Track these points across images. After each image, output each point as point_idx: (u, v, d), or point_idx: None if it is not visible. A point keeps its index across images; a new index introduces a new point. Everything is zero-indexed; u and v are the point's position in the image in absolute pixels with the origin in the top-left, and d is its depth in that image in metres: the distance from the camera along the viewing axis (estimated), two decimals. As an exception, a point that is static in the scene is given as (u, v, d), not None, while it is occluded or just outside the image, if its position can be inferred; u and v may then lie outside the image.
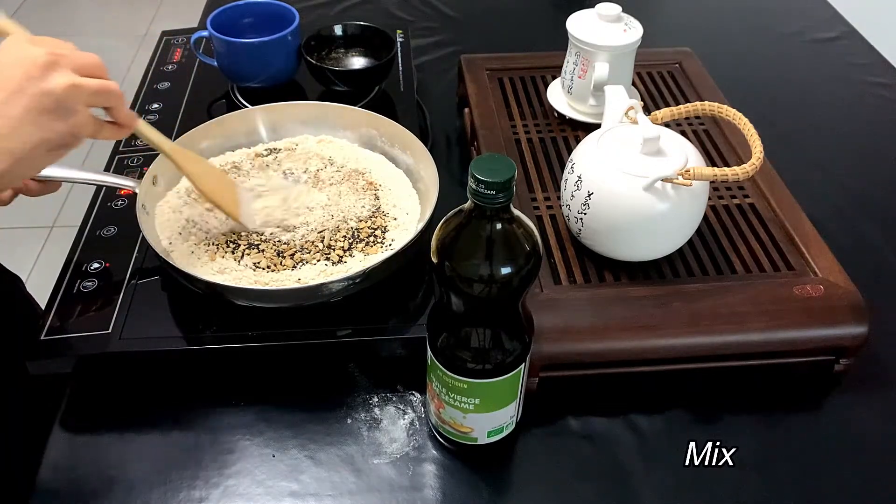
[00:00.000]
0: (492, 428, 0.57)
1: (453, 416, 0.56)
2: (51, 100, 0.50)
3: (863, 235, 0.81)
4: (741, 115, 0.64)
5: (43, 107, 0.50)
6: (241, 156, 0.80)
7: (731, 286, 0.64)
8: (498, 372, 0.53)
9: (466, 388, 0.53)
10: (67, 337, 0.63)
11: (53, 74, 0.50)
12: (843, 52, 1.12)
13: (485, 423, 0.57)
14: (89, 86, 0.52)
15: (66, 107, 0.51)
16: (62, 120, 0.51)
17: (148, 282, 0.68)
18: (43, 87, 0.50)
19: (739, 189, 0.75)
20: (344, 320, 0.65)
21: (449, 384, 0.54)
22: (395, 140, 0.78)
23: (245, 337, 0.64)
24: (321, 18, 1.15)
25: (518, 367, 0.53)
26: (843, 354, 0.64)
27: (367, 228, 0.71)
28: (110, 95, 0.55)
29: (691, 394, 0.65)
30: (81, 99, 0.52)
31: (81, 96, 0.52)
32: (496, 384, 0.53)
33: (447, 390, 0.54)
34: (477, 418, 0.56)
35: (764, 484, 0.59)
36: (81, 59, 0.53)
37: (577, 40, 0.80)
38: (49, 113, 0.51)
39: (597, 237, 0.65)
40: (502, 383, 0.53)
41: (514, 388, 0.55)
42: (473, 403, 0.54)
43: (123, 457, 0.60)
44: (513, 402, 0.56)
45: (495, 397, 0.55)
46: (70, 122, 0.52)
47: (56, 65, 0.51)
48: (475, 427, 0.57)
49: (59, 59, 0.51)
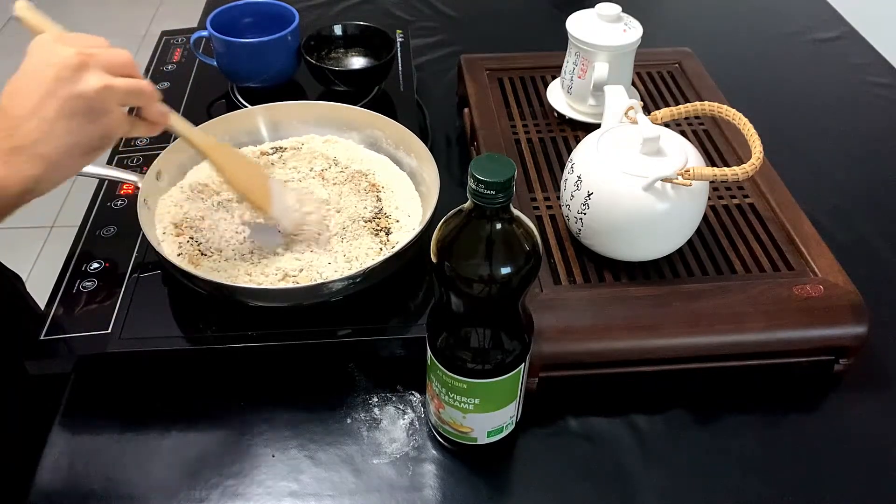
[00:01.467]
0: (491, 428, 0.57)
1: (453, 417, 0.56)
2: (83, 102, 0.49)
3: (862, 235, 0.80)
4: (741, 115, 0.64)
5: (75, 110, 0.49)
6: (246, 154, 0.80)
7: (731, 286, 0.64)
8: (498, 372, 0.53)
9: (466, 388, 0.53)
10: (67, 337, 0.63)
11: (85, 76, 0.49)
12: (843, 52, 1.12)
13: (484, 423, 0.56)
14: (121, 86, 0.51)
15: (98, 108, 0.50)
16: (95, 122, 0.50)
17: (148, 282, 0.68)
18: (74, 90, 0.49)
19: (739, 189, 0.75)
20: (344, 320, 0.65)
21: (449, 384, 0.54)
22: (400, 142, 0.78)
23: (245, 337, 0.64)
24: (321, 18, 1.15)
25: (518, 367, 0.53)
26: (842, 354, 0.64)
27: (370, 229, 0.71)
28: (142, 94, 0.54)
29: (691, 394, 0.65)
30: (114, 99, 0.51)
31: (114, 97, 0.51)
32: (496, 384, 0.53)
33: (447, 390, 0.54)
34: (477, 418, 0.56)
35: (764, 484, 0.59)
36: (112, 57, 0.52)
37: (576, 40, 0.80)
38: (81, 116, 0.50)
39: (597, 237, 0.65)
40: (502, 383, 0.53)
41: (513, 389, 0.55)
42: (473, 403, 0.54)
43: (122, 457, 0.60)
44: (512, 403, 0.56)
45: (495, 397, 0.55)
46: (103, 124, 0.51)
47: (86, 65, 0.49)
48: (475, 427, 0.57)
49: (90, 60, 0.50)
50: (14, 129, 0.49)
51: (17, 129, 0.49)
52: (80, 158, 0.52)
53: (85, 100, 0.49)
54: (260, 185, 0.68)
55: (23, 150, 0.49)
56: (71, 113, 0.49)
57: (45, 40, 0.51)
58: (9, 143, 0.49)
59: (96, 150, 0.52)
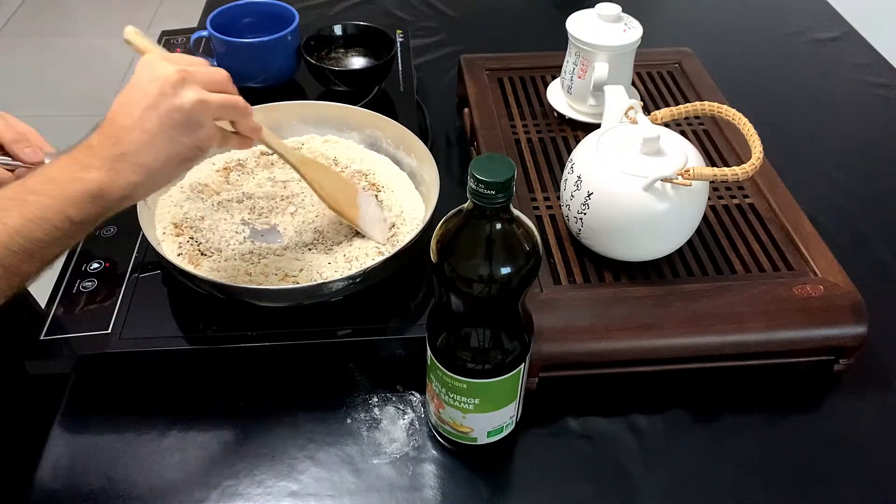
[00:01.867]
0: (491, 428, 0.57)
1: (453, 417, 0.56)
2: (181, 115, 0.52)
3: (862, 235, 0.81)
4: (741, 115, 0.64)
5: (174, 122, 0.52)
6: (247, 153, 0.80)
7: (731, 286, 0.64)
8: (497, 372, 0.53)
9: (466, 388, 0.53)
10: (67, 337, 0.63)
11: (183, 90, 0.52)
12: (843, 52, 1.12)
13: (484, 423, 0.56)
14: (215, 100, 0.54)
15: (194, 121, 0.53)
16: (191, 134, 0.53)
17: (147, 282, 0.68)
18: (174, 104, 0.52)
19: (739, 189, 0.75)
20: (344, 320, 0.65)
21: (448, 384, 0.54)
22: (400, 142, 0.78)
23: (245, 337, 0.64)
24: (321, 18, 1.14)
25: (518, 367, 0.53)
26: (842, 354, 0.64)
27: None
28: (236, 109, 0.57)
29: (691, 394, 0.65)
30: (208, 113, 0.54)
31: (208, 111, 0.54)
32: (496, 384, 0.53)
33: (447, 390, 0.54)
34: (476, 418, 0.56)
35: (764, 484, 0.59)
36: (210, 74, 0.55)
37: (576, 40, 0.80)
38: (179, 127, 0.53)
39: (596, 237, 0.65)
40: (502, 383, 0.53)
41: (513, 389, 0.55)
42: (473, 403, 0.54)
43: (122, 457, 0.60)
44: (512, 403, 0.56)
45: (495, 397, 0.55)
46: (198, 136, 0.54)
47: (186, 81, 0.53)
48: (475, 427, 0.57)
49: (189, 77, 0.53)
50: (120, 137, 0.52)
51: (122, 137, 0.52)
52: (176, 168, 0.55)
53: (182, 112, 0.52)
54: (349, 198, 0.70)
55: (126, 158, 0.52)
56: (171, 125, 0.52)
57: (151, 59, 0.54)
58: (114, 151, 0.52)
59: (191, 160, 0.55)
